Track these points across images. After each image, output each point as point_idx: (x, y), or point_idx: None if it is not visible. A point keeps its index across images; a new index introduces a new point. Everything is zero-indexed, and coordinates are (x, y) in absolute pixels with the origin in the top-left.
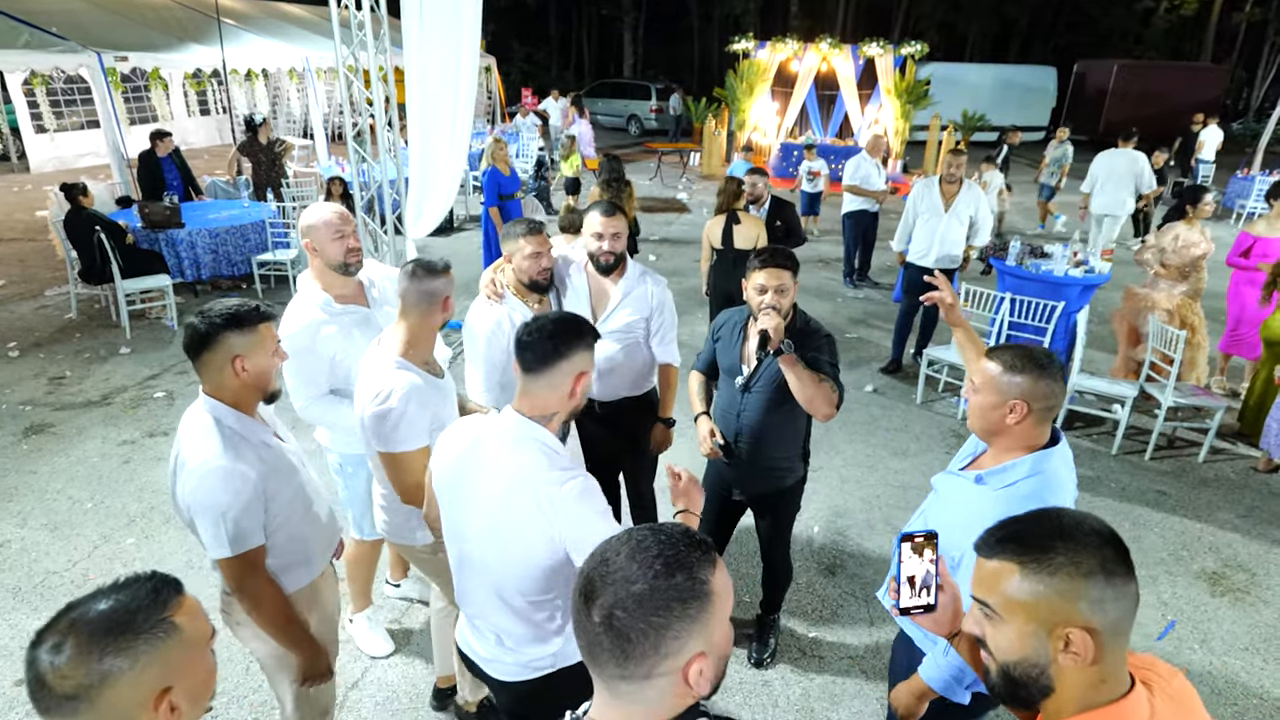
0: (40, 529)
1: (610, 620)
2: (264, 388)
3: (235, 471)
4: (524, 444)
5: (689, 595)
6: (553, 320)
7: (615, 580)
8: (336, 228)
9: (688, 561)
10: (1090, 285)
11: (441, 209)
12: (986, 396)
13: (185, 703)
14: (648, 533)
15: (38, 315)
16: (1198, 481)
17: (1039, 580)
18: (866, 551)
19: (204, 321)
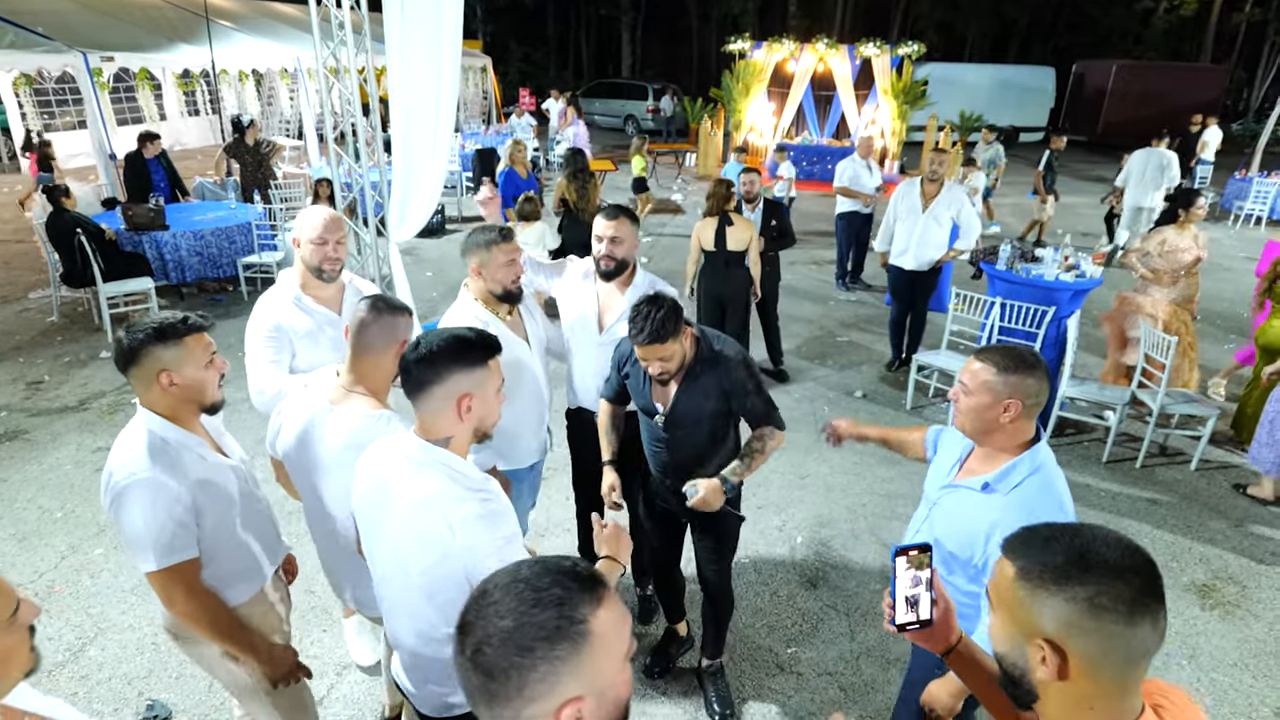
0: (7, 539)
1: (477, 656)
2: (199, 400)
3: (158, 483)
4: (426, 468)
5: (556, 635)
6: (429, 342)
7: (488, 614)
8: (320, 234)
9: (561, 598)
10: (1081, 290)
11: (425, 211)
12: (980, 397)
13: None
14: (532, 565)
15: (19, 318)
16: (1189, 490)
17: (1023, 587)
18: (850, 563)
19: (128, 336)
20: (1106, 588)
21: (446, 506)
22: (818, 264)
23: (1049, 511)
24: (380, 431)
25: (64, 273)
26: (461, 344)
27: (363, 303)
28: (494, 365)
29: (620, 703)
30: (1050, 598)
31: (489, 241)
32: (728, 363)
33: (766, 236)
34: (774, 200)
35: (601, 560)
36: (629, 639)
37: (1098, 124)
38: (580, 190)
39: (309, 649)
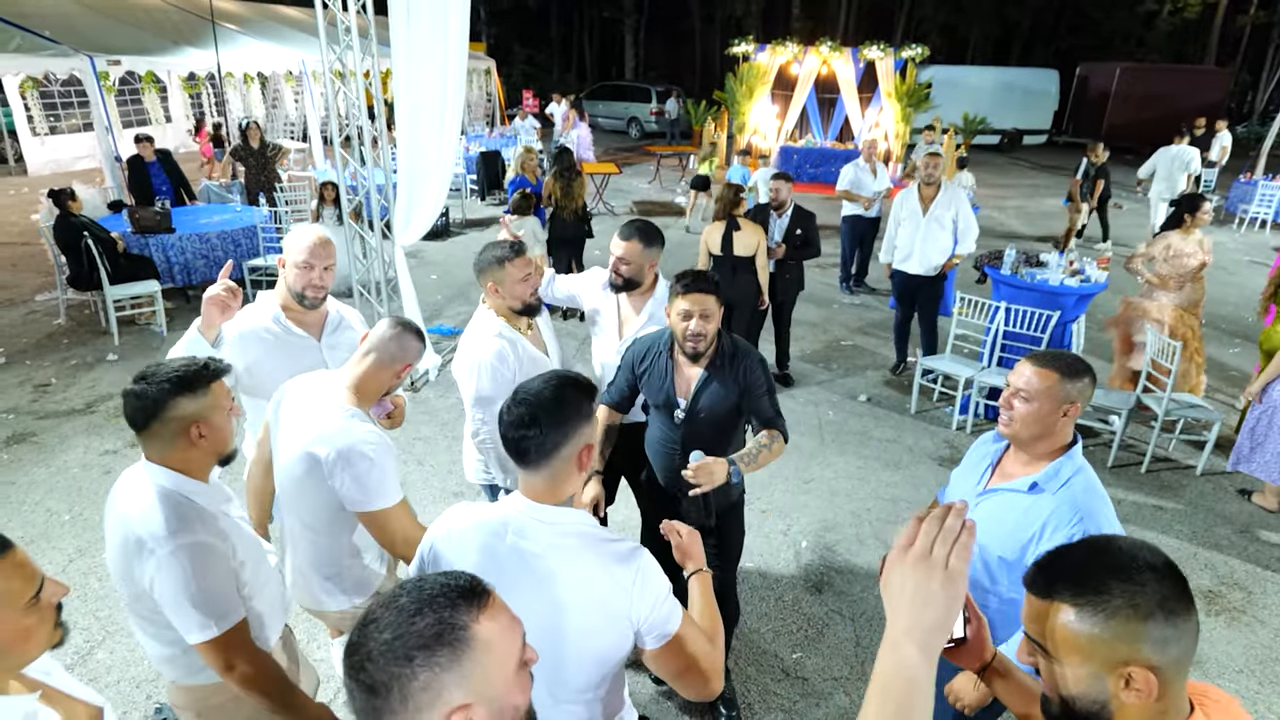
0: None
1: (360, 675)
2: (222, 451)
3: (206, 545)
4: (569, 535)
5: (435, 641)
6: (544, 406)
7: (369, 632)
8: (306, 258)
9: (438, 604)
10: (1086, 295)
11: (431, 214)
12: (1042, 404)
13: None
14: (416, 582)
15: (26, 321)
16: (1194, 496)
17: (1095, 624)
18: (855, 568)
19: (151, 387)
20: (1166, 589)
21: (619, 566)
22: (821, 267)
23: (1098, 507)
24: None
25: (71, 276)
26: (577, 391)
27: (390, 319)
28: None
29: (518, 710)
30: (1129, 621)
31: (501, 258)
32: (748, 359)
33: (790, 244)
34: (803, 209)
35: (691, 575)
36: (520, 645)
37: (1101, 127)
38: (564, 189)
39: (315, 653)
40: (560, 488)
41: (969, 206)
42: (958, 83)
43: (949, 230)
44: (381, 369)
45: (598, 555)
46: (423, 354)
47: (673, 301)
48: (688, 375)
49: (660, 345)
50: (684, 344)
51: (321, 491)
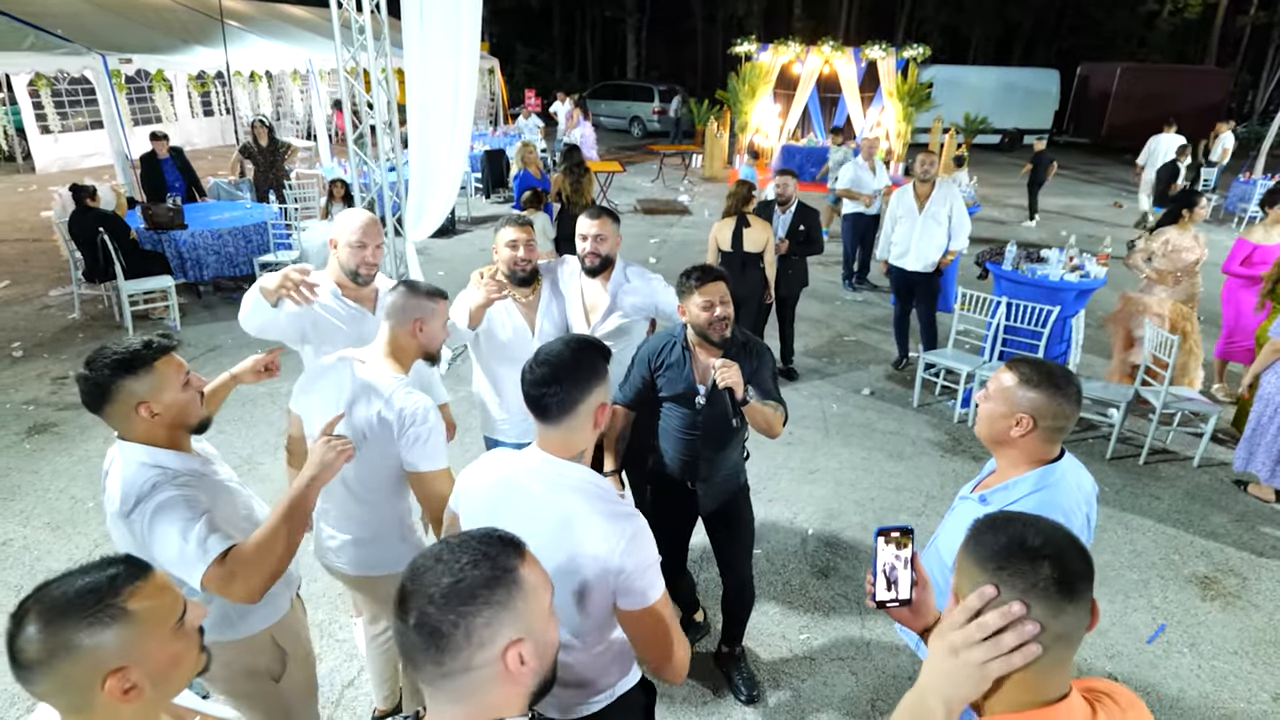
0: (42, 528)
1: (422, 619)
2: (184, 423)
3: (177, 498)
4: (564, 484)
5: (494, 582)
6: (563, 365)
7: (424, 582)
8: (359, 238)
9: (490, 553)
10: (1086, 290)
11: (442, 211)
12: (996, 405)
13: (146, 683)
14: (455, 538)
15: (41, 316)
16: (1191, 487)
17: (961, 555)
18: (860, 554)
19: (92, 372)
20: (1010, 566)
21: (611, 524)
22: (824, 264)
23: None
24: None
25: (86, 269)
26: (594, 353)
27: (397, 284)
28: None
29: (552, 645)
30: (972, 568)
31: (497, 226)
32: (756, 347)
33: (794, 240)
34: (807, 205)
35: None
36: (551, 589)
37: (1102, 126)
38: (574, 184)
39: (337, 634)
40: (573, 442)
41: (963, 204)
42: (959, 82)
43: (944, 227)
44: (399, 330)
45: (597, 506)
46: (435, 308)
47: (687, 297)
48: (704, 364)
49: (675, 338)
50: (711, 331)
51: (385, 457)
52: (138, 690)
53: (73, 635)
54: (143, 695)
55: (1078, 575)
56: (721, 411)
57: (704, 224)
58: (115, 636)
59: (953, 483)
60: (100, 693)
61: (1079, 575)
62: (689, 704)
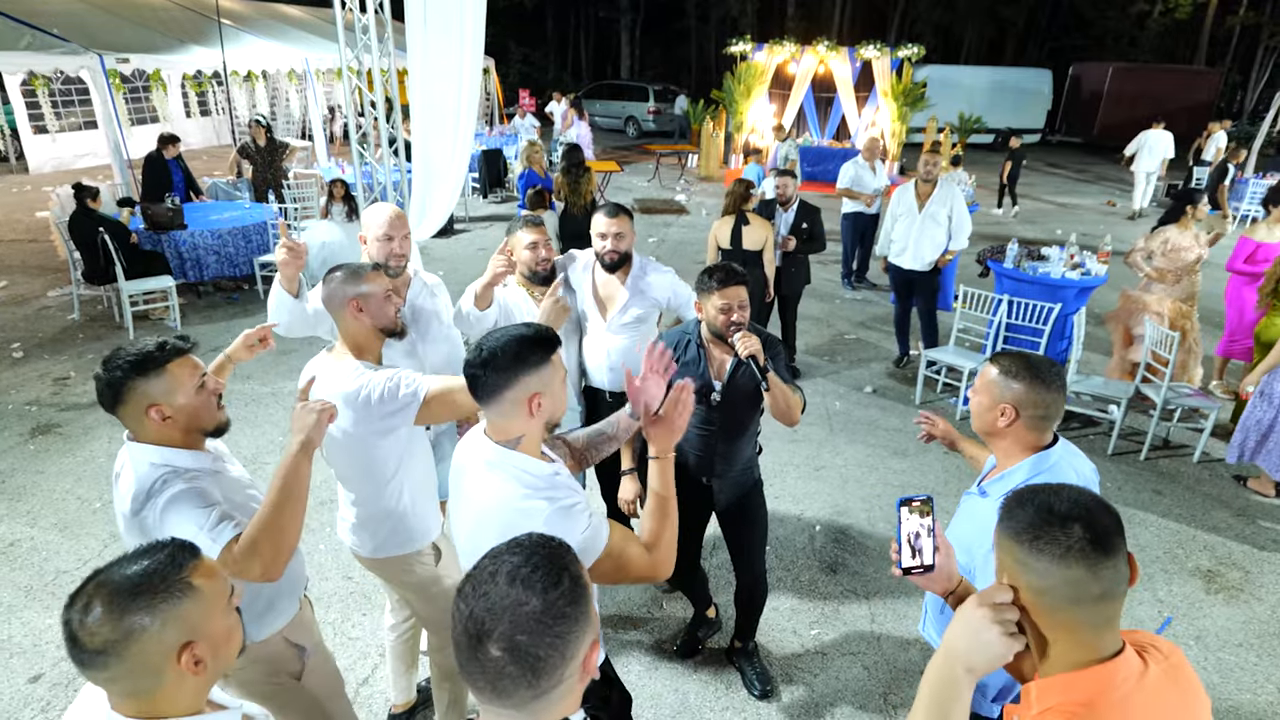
0: (50, 528)
1: (514, 648)
2: (199, 427)
3: (189, 490)
4: (496, 469)
5: (578, 596)
6: (493, 349)
7: (504, 608)
8: (386, 231)
9: (563, 563)
10: (1086, 287)
11: (445, 210)
12: (982, 398)
13: (208, 656)
14: (513, 552)
15: (40, 316)
16: (1192, 482)
17: (997, 531)
18: (868, 550)
19: (106, 373)
20: (1045, 533)
21: (515, 511)
22: (823, 263)
23: None
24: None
25: (85, 270)
26: (524, 344)
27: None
28: (557, 360)
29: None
30: (1009, 541)
31: (511, 227)
32: (768, 339)
33: (797, 239)
34: (809, 204)
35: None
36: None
37: (1093, 126)
38: (573, 185)
39: (350, 632)
40: (508, 427)
41: (964, 204)
42: (953, 82)
43: (944, 226)
44: (340, 318)
45: (516, 492)
46: (363, 285)
47: (707, 296)
48: (719, 360)
49: (690, 335)
50: (727, 333)
51: (364, 441)
52: (204, 665)
53: (146, 614)
54: (207, 670)
55: (1109, 531)
56: (738, 405)
57: (701, 223)
58: (184, 611)
59: (957, 479)
60: (168, 671)
61: (1110, 531)
62: (703, 699)
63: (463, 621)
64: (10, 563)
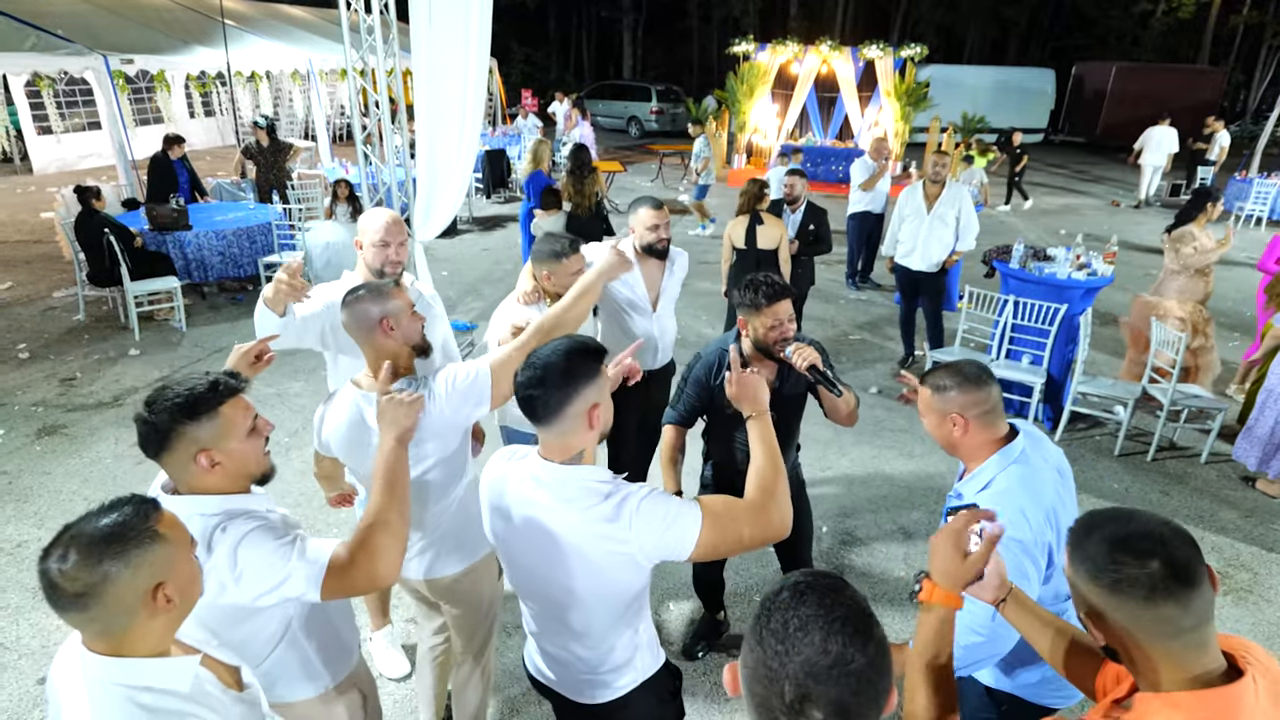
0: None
1: (844, 710)
2: (249, 474)
3: (257, 529)
4: (571, 497)
5: (885, 641)
6: (546, 365)
7: (829, 670)
8: (383, 236)
9: (864, 607)
10: (1093, 288)
11: (450, 210)
12: (930, 418)
13: (177, 596)
14: (810, 601)
15: (46, 317)
16: (1200, 483)
17: (1072, 571)
18: (874, 552)
19: (154, 416)
20: (1124, 575)
21: (606, 522)
22: (826, 264)
23: (1008, 516)
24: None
25: (90, 272)
26: (578, 356)
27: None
28: (605, 368)
29: None
30: (1085, 580)
31: (559, 253)
32: (810, 341)
33: (803, 240)
34: (816, 205)
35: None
36: None
37: (1097, 125)
38: (577, 185)
39: None
40: (569, 444)
41: (971, 205)
42: (956, 82)
43: (951, 227)
44: (372, 339)
45: (591, 515)
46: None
47: (754, 315)
48: (765, 373)
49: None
50: (775, 349)
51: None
52: (173, 603)
53: (120, 560)
54: (175, 608)
55: (1189, 561)
56: (784, 413)
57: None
58: (154, 556)
59: None
60: (140, 610)
61: (1190, 560)
62: (712, 699)
63: (776, 683)
64: (18, 564)
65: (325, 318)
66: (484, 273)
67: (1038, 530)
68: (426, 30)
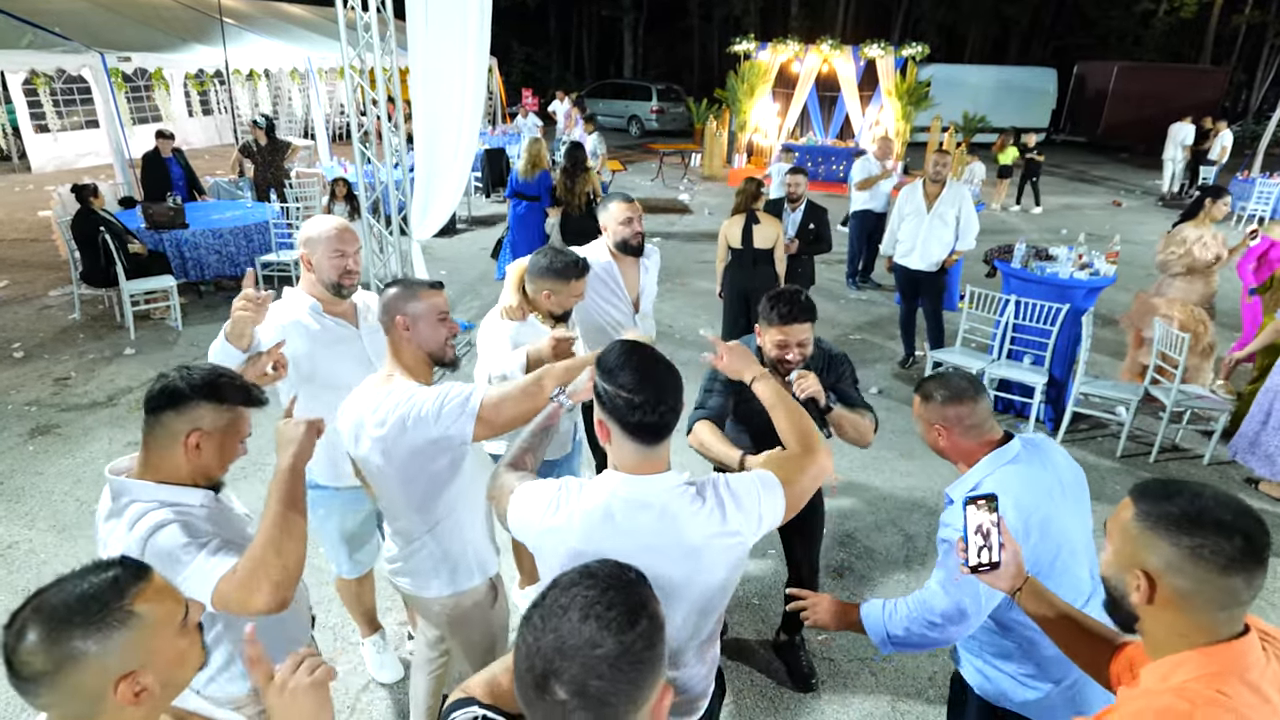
0: (48, 530)
1: (584, 691)
2: (210, 473)
3: (176, 525)
4: (673, 503)
5: (656, 638)
6: (670, 385)
7: (575, 649)
8: (336, 246)
9: (640, 599)
10: (1095, 288)
11: (448, 209)
12: (921, 426)
13: (155, 685)
14: (586, 584)
15: (41, 316)
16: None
17: (1138, 525)
18: (874, 553)
19: (183, 377)
20: (1209, 542)
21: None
22: (826, 263)
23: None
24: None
25: (85, 271)
26: (669, 365)
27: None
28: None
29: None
30: (1158, 539)
31: (567, 275)
32: (837, 359)
33: (803, 239)
34: (816, 204)
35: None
36: None
37: (1099, 125)
38: (568, 184)
39: (350, 637)
40: (664, 453)
41: (972, 204)
42: (957, 81)
43: (951, 227)
44: (390, 335)
45: (701, 518)
46: (416, 303)
47: (766, 327)
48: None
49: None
50: (779, 368)
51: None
52: (148, 692)
53: (80, 643)
54: (153, 697)
55: (1266, 542)
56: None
57: (704, 222)
58: (125, 641)
59: None
60: (109, 699)
61: (1266, 542)
62: None
63: (529, 657)
64: (8, 565)
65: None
66: (483, 272)
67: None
68: (423, 28)
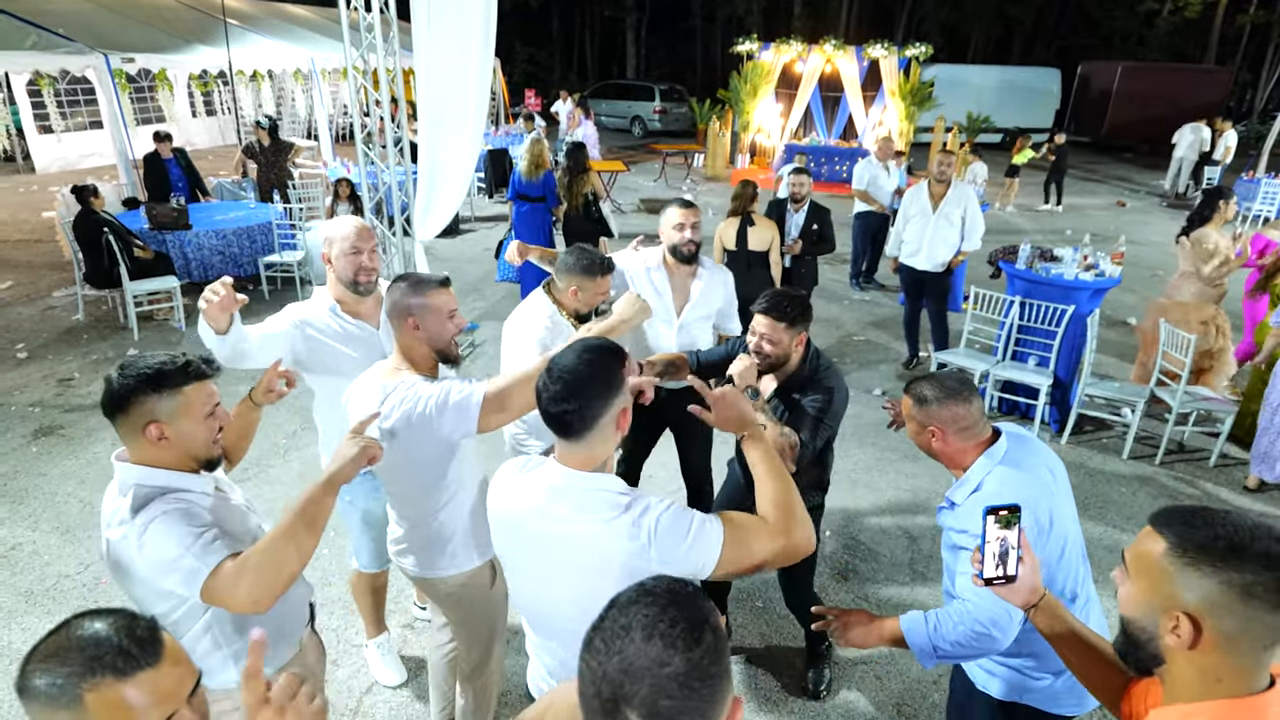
0: (51, 532)
1: (656, 713)
2: (195, 456)
3: (176, 512)
4: (588, 502)
5: (722, 652)
6: (577, 377)
7: (643, 670)
8: (353, 244)
9: (703, 614)
10: (1100, 289)
11: (451, 209)
12: (911, 425)
13: None
14: (645, 603)
15: (45, 317)
16: (1209, 486)
17: (1172, 560)
18: (879, 556)
19: (119, 378)
20: (1264, 578)
21: (630, 531)
22: (830, 264)
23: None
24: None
25: (88, 272)
26: (606, 361)
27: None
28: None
29: None
30: (1202, 577)
31: (591, 272)
32: (822, 384)
33: (806, 240)
34: (819, 204)
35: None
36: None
37: (1102, 125)
38: (568, 185)
39: (354, 639)
40: (595, 455)
41: (977, 205)
42: (961, 81)
43: (957, 227)
44: (399, 332)
45: (614, 528)
46: (425, 301)
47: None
48: (765, 389)
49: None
50: (754, 353)
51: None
52: None
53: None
54: None
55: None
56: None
57: (708, 223)
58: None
59: None
60: None
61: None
62: None
63: (595, 682)
64: (11, 567)
65: (296, 336)
66: (486, 272)
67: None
68: (426, 29)
